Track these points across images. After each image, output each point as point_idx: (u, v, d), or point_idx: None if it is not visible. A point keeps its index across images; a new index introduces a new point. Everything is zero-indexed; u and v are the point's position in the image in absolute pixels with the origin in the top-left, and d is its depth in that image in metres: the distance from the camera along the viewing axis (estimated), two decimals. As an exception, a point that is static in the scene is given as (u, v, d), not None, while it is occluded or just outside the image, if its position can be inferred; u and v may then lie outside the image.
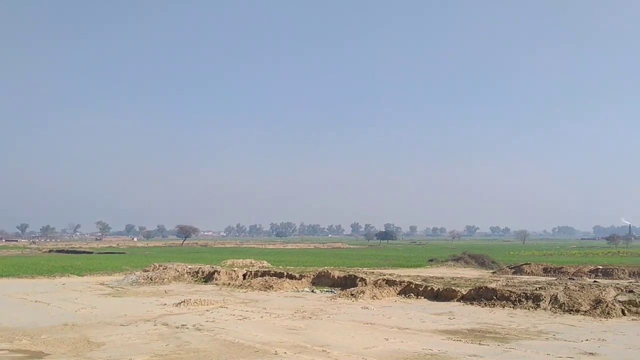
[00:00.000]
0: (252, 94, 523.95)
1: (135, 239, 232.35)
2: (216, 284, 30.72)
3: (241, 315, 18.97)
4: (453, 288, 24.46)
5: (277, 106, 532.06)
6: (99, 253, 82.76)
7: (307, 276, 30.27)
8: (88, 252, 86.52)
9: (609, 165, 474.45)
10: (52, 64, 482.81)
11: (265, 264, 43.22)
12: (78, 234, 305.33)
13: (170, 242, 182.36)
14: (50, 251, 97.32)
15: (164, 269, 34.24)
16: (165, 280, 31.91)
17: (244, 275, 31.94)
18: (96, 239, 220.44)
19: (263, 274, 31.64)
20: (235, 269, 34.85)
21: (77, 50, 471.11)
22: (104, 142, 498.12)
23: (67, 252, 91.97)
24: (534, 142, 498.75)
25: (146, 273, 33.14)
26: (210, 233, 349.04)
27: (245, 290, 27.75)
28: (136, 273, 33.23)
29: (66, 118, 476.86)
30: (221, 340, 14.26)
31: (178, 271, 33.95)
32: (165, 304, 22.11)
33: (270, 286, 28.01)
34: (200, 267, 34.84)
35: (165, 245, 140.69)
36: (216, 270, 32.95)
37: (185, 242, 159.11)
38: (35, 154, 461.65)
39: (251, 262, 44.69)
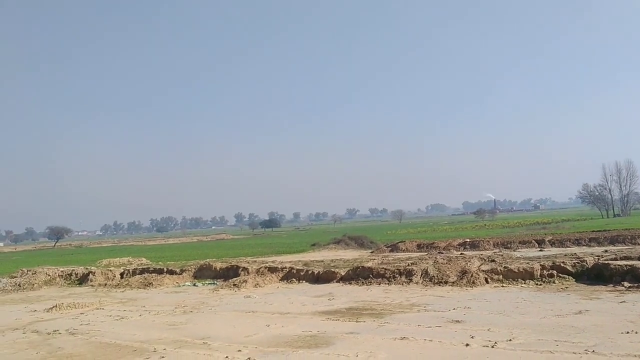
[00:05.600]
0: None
1: (1, 244, 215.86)
2: (92, 285, 29.36)
3: (118, 316, 18.35)
4: (332, 270, 25.18)
5: (142, 95, 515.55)
6: (-42, 263, 76.00)
7: (189, 270, 29.71)
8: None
9: (473, 144, 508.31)
10: None
11: (144, 261, 41.93)
12: None
13: (41, 245, 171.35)
14: None
15: (33, 273, 32.22)
16: (35, 285, 30.00)
17: (122, 275, 30.78)
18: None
19: (142, 272, 30.67)
20: (112, 268, 33.52)
21: None
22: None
23: None
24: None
25: (13, 279, 31.03)
26: (85, 233, 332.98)
27: (123, 290, 26.76)
28: (2, 280, 31.01)
29: None
30: (96, 343, 13.75)
31: (49, 275, 32.05)
32: (35, 310, 20.85)
33: (150, 283, 27.25)
34: (73, 269, 33.09)
35: (36, 249, 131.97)
36: (91, 272, 31.45)
37: (57, 244, 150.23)
38: None
39: (129, 261, 43.17)
